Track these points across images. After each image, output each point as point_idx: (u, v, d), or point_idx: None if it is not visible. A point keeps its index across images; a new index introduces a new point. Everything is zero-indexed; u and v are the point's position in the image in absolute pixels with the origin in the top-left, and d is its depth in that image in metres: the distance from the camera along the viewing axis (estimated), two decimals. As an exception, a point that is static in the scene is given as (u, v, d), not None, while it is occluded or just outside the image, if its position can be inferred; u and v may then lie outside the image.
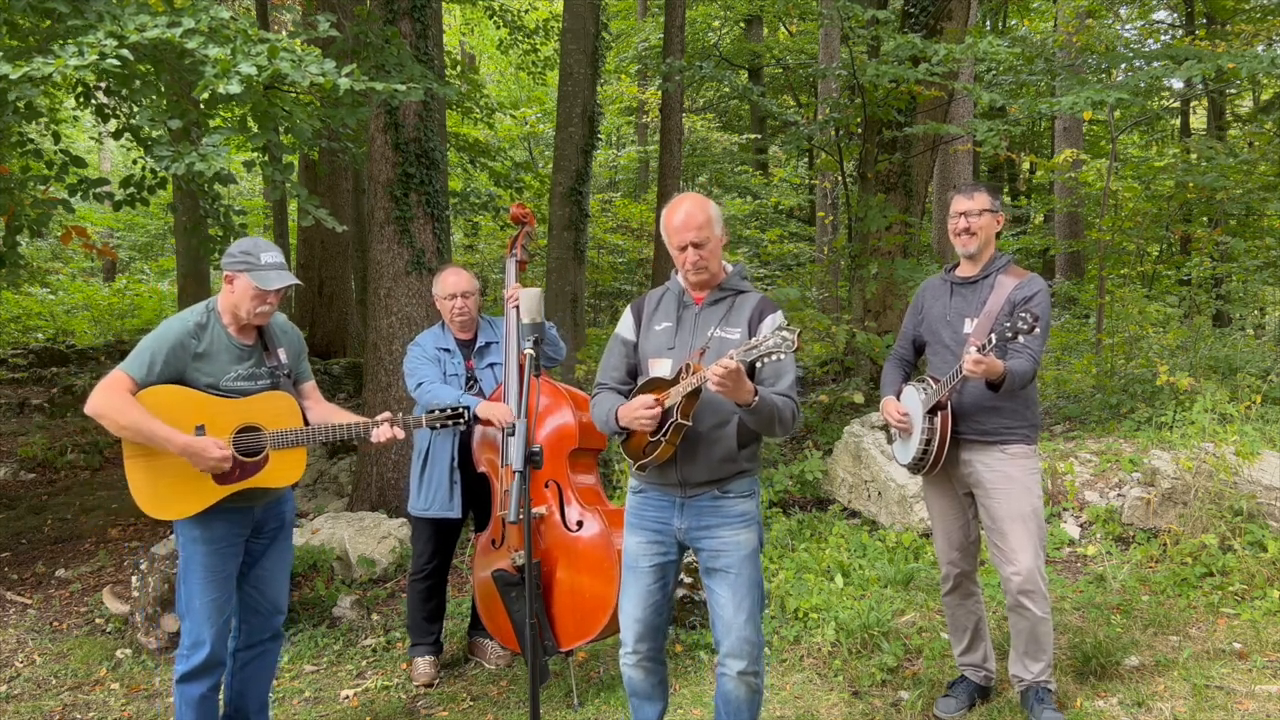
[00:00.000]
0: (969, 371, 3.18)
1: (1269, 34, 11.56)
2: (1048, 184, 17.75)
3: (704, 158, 19.07)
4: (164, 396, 3.07)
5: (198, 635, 3.19)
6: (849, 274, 9.49)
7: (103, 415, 3.01)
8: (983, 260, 3.53)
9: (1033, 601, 3.41)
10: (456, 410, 3.40)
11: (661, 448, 2.84)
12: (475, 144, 11.73)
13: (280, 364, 3.30)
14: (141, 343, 3.12)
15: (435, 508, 4.15)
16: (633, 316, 3.13)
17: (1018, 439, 3.44)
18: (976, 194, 3.51)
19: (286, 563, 3.49)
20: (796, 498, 6.14)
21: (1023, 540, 3.39)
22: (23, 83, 4.10)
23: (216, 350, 3.15)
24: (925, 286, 3.73)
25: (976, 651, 3.70)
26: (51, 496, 7.41)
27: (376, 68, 5.56)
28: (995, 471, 3.43)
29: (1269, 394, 7.17)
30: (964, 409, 3.44)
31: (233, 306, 3.18)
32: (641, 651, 3.07)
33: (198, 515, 3.14)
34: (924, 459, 3.47)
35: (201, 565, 3.18)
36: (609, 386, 3.10)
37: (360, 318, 11.91)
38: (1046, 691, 3.49)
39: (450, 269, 4.31)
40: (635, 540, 3.05)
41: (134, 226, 19.67)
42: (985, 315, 3.42)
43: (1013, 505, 3.40)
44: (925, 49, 7.04)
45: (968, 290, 3.54)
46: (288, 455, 3.23)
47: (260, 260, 3.14)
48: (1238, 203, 10.04)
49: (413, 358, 4.19)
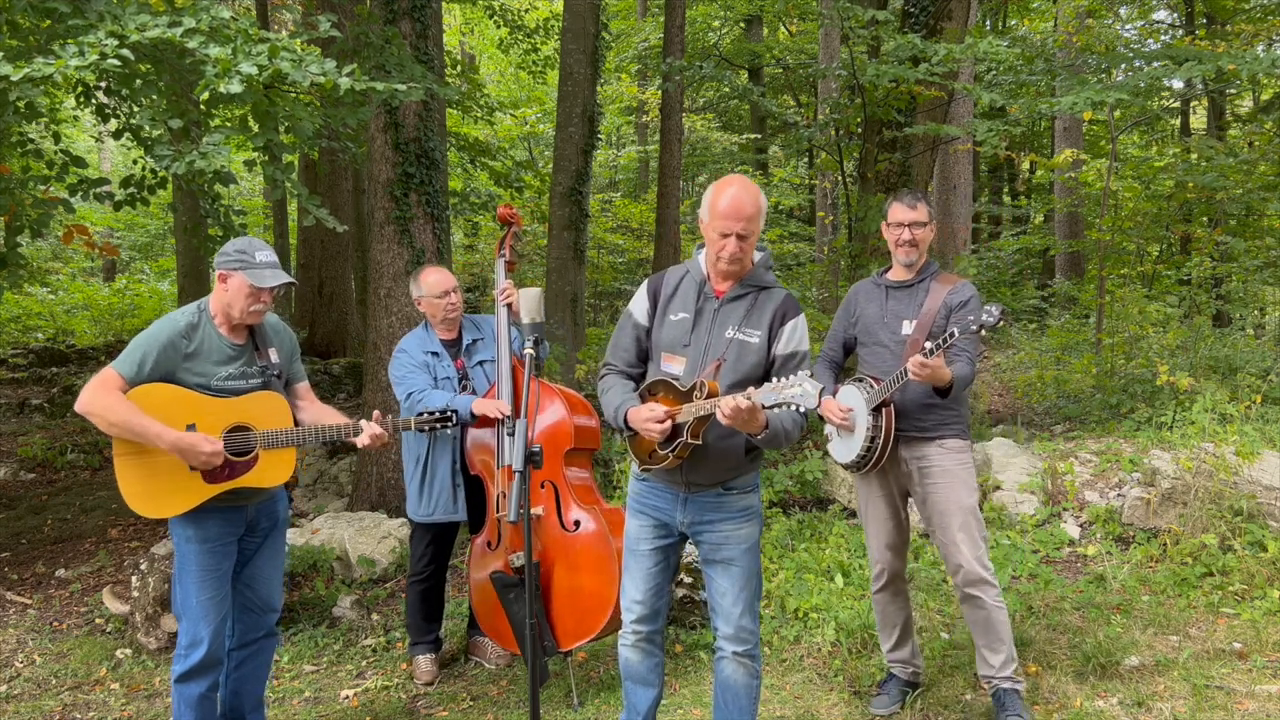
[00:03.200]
0: (914, 374, 3.26)
1: (1269, 34, 11.56)
2: (1048, 184, 17.77)
3: (704, 158, 19.08)
4: (155, 395, 3.07)
5: (195, 634, 3.19)
6: (849, 274, 9.48)
7: (92, 413, 3.01)
8: (918, 266, 3.66)
9: (982, 591, 3.49)
10: (445, 413, 3.39)
11: (669, 460, 2.83)
12: (475, 144, 11.73)
13: (271, 364, 3.29)
14: (133, 341, 3.12)
15: (439, 512, 4.14)
16: (648, 297, 3.00)
17: (953, 433, 3.55)
18: (919, 205, 3.60)
19: (279, 561, 3.49)
20: (796, 498, 6.14)
21: (964, 532, 3.49)
22: (24, 83, 4.10)
23: (207, 350, 3.16)
24: (857, 289, 3.82)
25: (904, 648, 3.80)
26: (51, 496, 7.40)
27: (377, 67, 5.56)
28: (934, 465, 3.53)
29: (1269, 394, 7.17)
30: (905, 407, 3.53)
31: (226, 305, 3.18)
32: (641, 633, 3.07)
33: (192, 515, 3.14)
34: (868, 456, 3.55)
35: (196, 564, 3.18)
36: (617, 369, 3.04)
37: (360, 318, 11.91)
38: (1014, 695, 3.49)
39: (429, 269, 4.26)
40: (637, 524, 3.05)
41: (134, 226, 19.68)
42: (924, 316, 3.53)
43: (953, 497, 3.50)
44: (925, 49, 7.04)
45: (903, 294, 3.65)
46: (277, 455, 3.23)
47: (255, 258, 3.15)
48: (1238, 203, 10.05)
49: (400, 365, 4.13)
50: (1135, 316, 9.22)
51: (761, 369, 2.85)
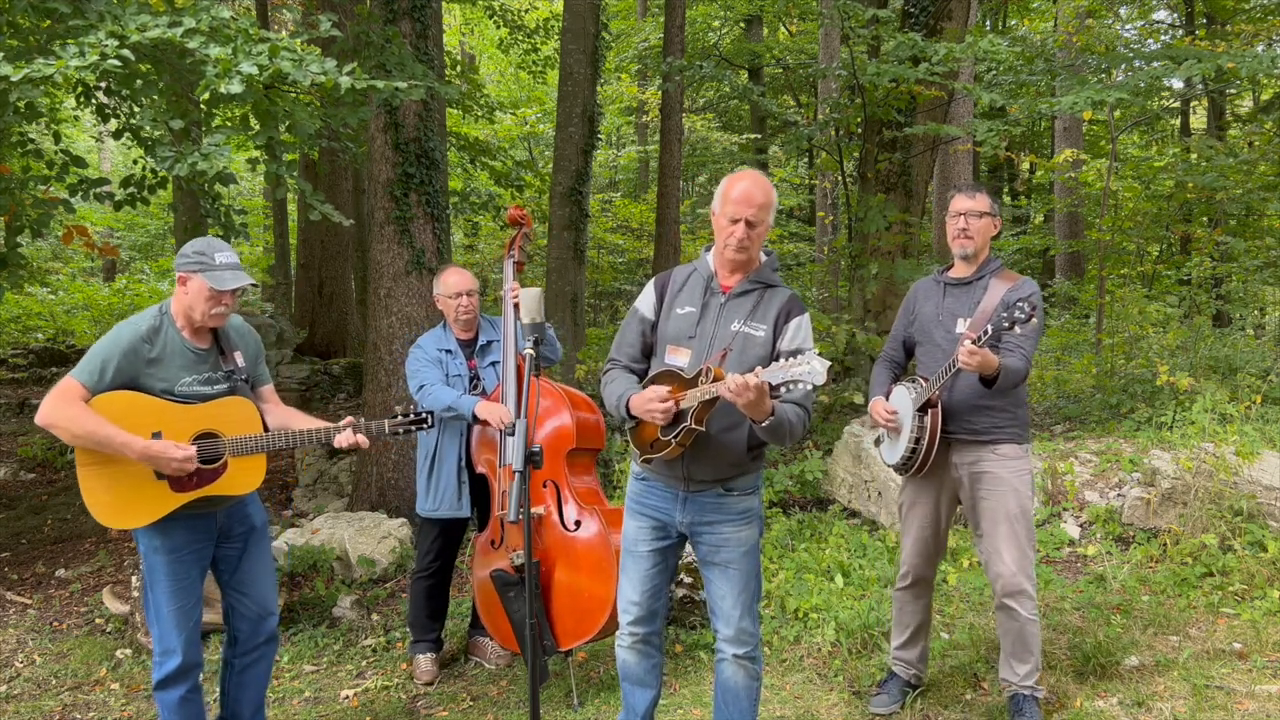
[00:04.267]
0: (964, 362, 3.16)
1: (1269, 34, 11.56)
2: (1048, 184, 17.76)
3: (704, 158, 19.07)
4: (118, 403, 2.98)
5: (167, 644, 3.15)
6: (849, 274, 9.49)
7: (55, 425, 2.92)
8: (978, 262, 3.53)
9: (1019, 603, 3.41)
10: (420, 416, 3.33)
11: (671, 448, 2.80)
12: (475, 143, 11.72)
13: (238, 367, 3.22)
14: (92, 349, 3.03)
15: (444, 508, 4.16)
16: (655, 293, 3.01)
17: (1008, 439, 3.43)
18: (978, 195, 3.49)
19: (267, 564, 3.42)
20: (796, 498, 6.14)
21: (1009, 541, 3.40)
22: (24, 83, 4.10)
23: (170, 355, 3.07)
24: (917, 287, 3.72)
25: (913, 649, 3.75)
26: (51, 496, 7.41)
27: (378, 67, 5.56)
28: (985, 472, 3.43)
29: (1269, 394, 7.17)
30: (954, 408, 3.42)
31: (187, 308, 3.10)
32: (637, 634, 3.06)
33: (158, 524, 3.07)
34: (913, 458, 3.46)
35: (165, 574, 3.12)
36: (622, 364, 3.04)
37: (360, 318, 11.91)
38: (1032, 701, 3.48)
39: (451, 268, 4.32)
40: (635, 525, 3.04)
41: (134, 226, 19.67)
42: (980, 315, 3.40)
43: (1001, 506, 3.40)
44: (925, 49, 7.04)
45: (961, 291, 3.52)
46: (247, 461, 3.16)
47: (215, 260, 3.06)
48: (1238, 203, 10.05)
49: (414, 360, 4.20)
50: (1135, 316, 9.23)
51: (766, 364, 2.85)
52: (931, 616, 3.83)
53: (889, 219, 7.91)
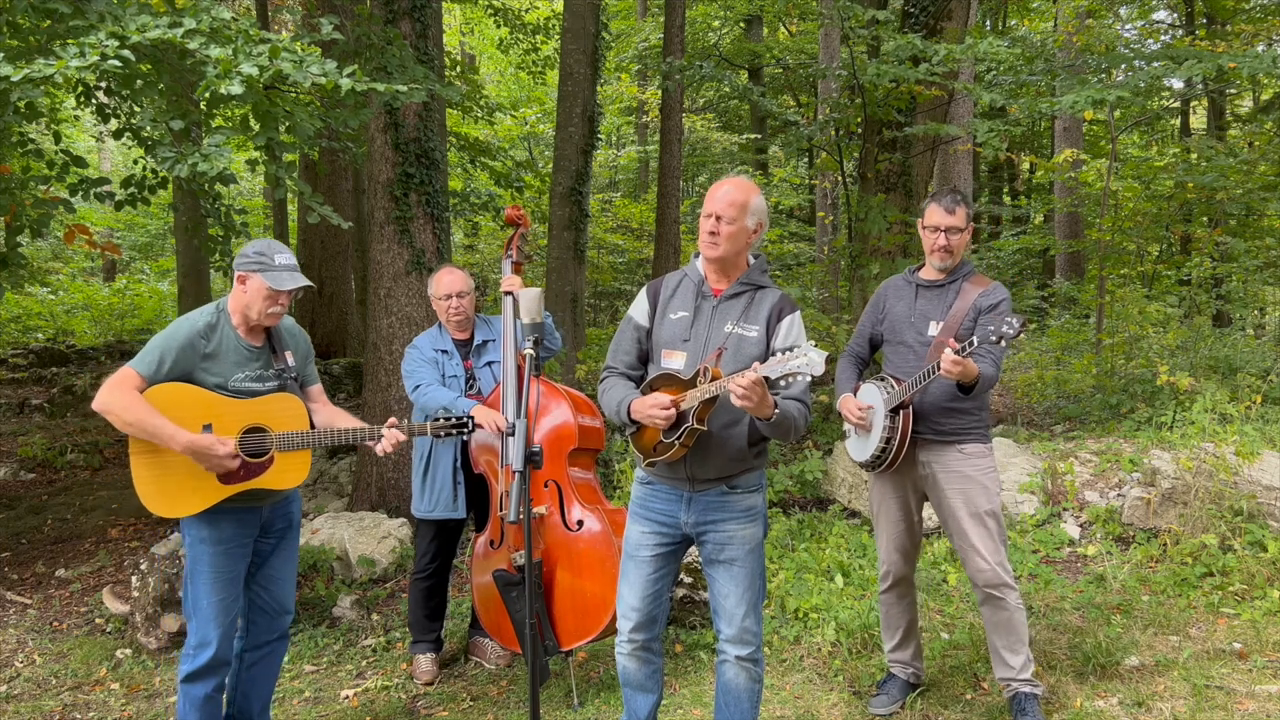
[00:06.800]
0: (946, 370, 3.21)
1: (1269, 34, 11.56)
2: (1048, 184, 17.77)
3: (704, 158, 19.09)
4: (172, 394, 3.09)
5: (204, 635, 3.19)
6: (849, 274, 9.48)
7: (109, 410, 3.02)
8: (951, 268, 3.58)
9: (1003, 593, 3.47)
10: (461, 420, 3.38)
11: (674, 450, 2.82)
12: (475, 143, 11.72)
13: (288, 366, 3.31)
14: (151, 341, 3.14)
15: (439, 509, 4.16)
16: (648, 300, 3.07)
17: (974, 438, 3.50)
18: (958, 209, 3.49)
19: (293, 563, 3.50)
20: (796, 498, 6.14)
21: (984, 538, 3.47)
22: (24, 83, 4.10)
23: (225, 351, 3.17)
24: (887, 286, 3.76)
25: (907, 650, 3.79)
26: (51, 496, 7.41)
27: (378, 68, 5.56)
28: (953, 471, 3.49)
29: (1269, 394, 7.18)
30: (924, 410, 3.48)
31: (244, 307, 3.20)
32: (637, 640, 3.06)
33: (206, 515, 3.15)
34: (882, 457, 3.52)
35: (209, 566, 3.18)
36: (619, 371, 3.07)
37: (360, 318, 11.91)
38: (1033, 699, 3.48)
39: (445, 269, 4.31)
40: (638, 530, 3.05)
41: (134, 226, 19.68)
42: (952, 318, 3.46)
43: (971, 504, 3.47)
44: (925, 49, 7.04)
45: (934, 294, 3.58)
46: (293, 457, 3.23)
47: (274, 261, 3.17)
48: (1238, 203, 10.05)
49: (410, 360, 4.21)
50: (1135, 316, 9.23)
51: (762, 361, 2.87)
52: (918, 614, 3.86)
53: (889, 219, 7.91)
